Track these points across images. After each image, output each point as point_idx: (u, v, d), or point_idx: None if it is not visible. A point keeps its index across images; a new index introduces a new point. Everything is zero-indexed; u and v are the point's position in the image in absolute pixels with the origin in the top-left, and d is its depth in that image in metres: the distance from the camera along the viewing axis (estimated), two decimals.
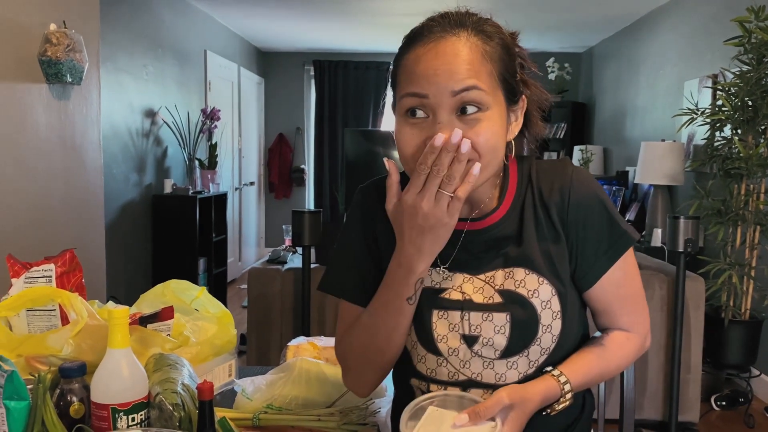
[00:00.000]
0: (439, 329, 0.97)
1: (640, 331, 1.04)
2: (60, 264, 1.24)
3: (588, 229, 0.96)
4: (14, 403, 0.86)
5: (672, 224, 2.89)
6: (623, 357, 1.02)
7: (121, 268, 4.32)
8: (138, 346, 1.20)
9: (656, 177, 4.18)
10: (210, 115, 5.27)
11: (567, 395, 0.94)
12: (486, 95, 0.87)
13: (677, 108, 3.99)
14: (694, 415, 3.08)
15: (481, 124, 0.87)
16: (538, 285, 0.95)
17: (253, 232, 7.46)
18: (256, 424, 1.21)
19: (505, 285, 0.96)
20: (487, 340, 0.95)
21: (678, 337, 2.90)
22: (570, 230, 0.96)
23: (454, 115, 0.87)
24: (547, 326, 0.95)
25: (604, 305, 1.01)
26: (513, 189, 1.00)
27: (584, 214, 0.96)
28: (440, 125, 0.86)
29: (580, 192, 0.96)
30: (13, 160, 2.27)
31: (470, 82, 0.86)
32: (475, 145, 0.86)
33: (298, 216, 3.07)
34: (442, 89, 0.86)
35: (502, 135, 0.91)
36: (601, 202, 0.97)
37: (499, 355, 0.95)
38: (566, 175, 0.97)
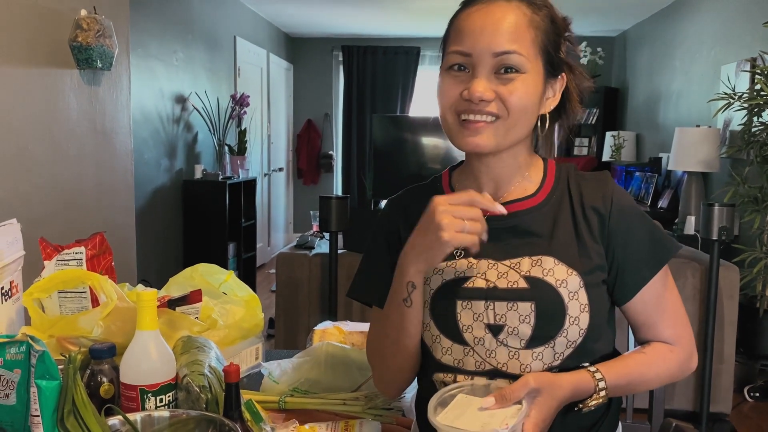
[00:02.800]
0: (463, 319, 0.97)
1: (684, 346, 1.00)
2: (90, 247, 1.25)
3: (630, 238, 0.96)
4: (45, 383, 0.88)
5: (706, 211, 2.83)
6: (665, 369, 1.00)
7: (152, 252, 4.39)
8: (166, 328, 1.22)
9: (690, 163, 4.09)
10: (239, 101, 5.30)
11: (601, 392, 0.92)
12: (525, 60, 0.91)
13: (713, 93, 3.89)
14: (726, 406, 3.03)
15: (515, 83, 0.91)
16: (567, 276, 0.94)
17: (281, 217, 7.52)
18: (282, 407, 1.22)
19: (531, 272, 0.95)
20: (512, 329, 0.94)
21: (711, 327, 2.84)
22: (612, 238, 0.96)
23: (492, 73, 0.92)
24: (575, 318, 0.94)
25: (644, 317, 1.00)
26: (549, 187, 1.01)
27: (627, 222, 0.97)
28: (477, 79, 0.91)
29: (623, 201, 0.98)
30: (46, 145, 2.31)
31: (511, 46, 0.90)
32: (506, 102, 0.91)
33: (326, 202, 3.07)
34: (485, 49, 0.91)
35: (535, 100, 0.94)
36: (640, 213, 0.99)
37: (524, 345, 0.94)
38: (608, 184, 0.99)
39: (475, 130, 0.93)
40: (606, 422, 1.01)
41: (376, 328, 1.06)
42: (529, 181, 1.01)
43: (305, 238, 3.81)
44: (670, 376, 1.00)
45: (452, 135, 0.97)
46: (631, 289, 0.97)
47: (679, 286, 2.98)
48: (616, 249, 0.96)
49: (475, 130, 0.93)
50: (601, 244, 0.96)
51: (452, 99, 0.94)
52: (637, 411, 1.81)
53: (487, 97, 0.91)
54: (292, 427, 1.11)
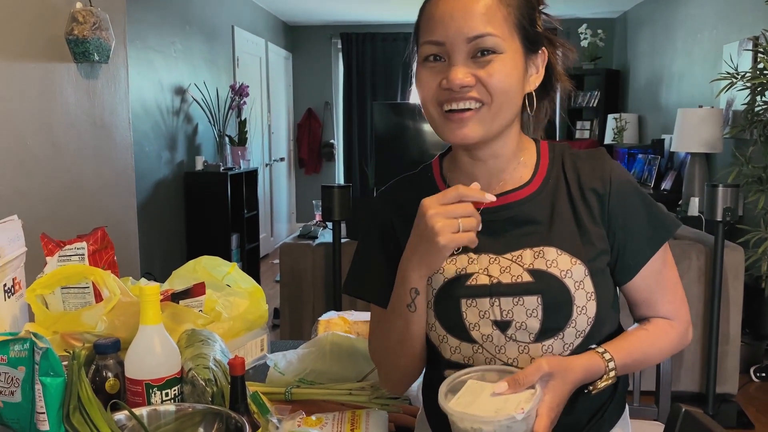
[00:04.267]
0: (469, 318, 0.95)
1: (682, 320, 1.01)
2: (92, 242, 1.25)
3: (630, 217, 0.95)
4: (50, 380, 0.87)
5: (710, 192, 2.81)
6: (668, 342, 1.00)
7: (156, 245, 4.39)
8: (170, 322, 1.21)
9: (693, 144, 4.06)
10: (239, 91, 5.27)
11: (611, 372, 0.92)
12: (501, 41, 0.88)
13: (716, 73, 3.86)
14: (732, 387, 3.03)
15: (493, 64, 0.88)
16: (571, 265, 0.92)
17: (284, 207, 7.51)
18: (288, 398, 1.22)
19: (535, 265, 0.93)
20: (521, 324, 0.93)
21: (716, 308, 2.84)
22: (612, 217, 0.95)
23: (469, 58, 0.89)
24: (582, 307, 0.92)
25: (645, 294, 0.99)
26: (544, 171, 0.98)
27: (627, 201, 0.95)
28: (455, 67, 0.89)
29: (621, 178, 0.96)
30: (45, 140, 2.30)
31: (485, 28, 0.87)
32: (487, 86, 0.88)
33: (328, 191, 3.06)
34: (458, 35, 0.88)
35: (517, 80, 0.91)
36: (639, 191, 0.97)
37: (533, 339, 0.93)
38: (605, 162, 0.97)
39: (460, 122, 0.90)
40: (612, 405, 1.01)
41: (379, 328, 1.04)
42: (524, 167, 0.98)
43: (308, 228, 3.81)
44: (672, 350, 1.01)
45: (438, 128, 0.94)
46: (633, 269, 0.96)
47: (683, 267, 3.00)
48: (617, 230, 0.95)
49: (460, 121, 0.90)
50: (603, 227, 0.95)
51: (432, 90, 0.91)
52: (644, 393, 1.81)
53: (467, 82, 0.88)
54: (299, 419, 1.10)
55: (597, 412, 0.99)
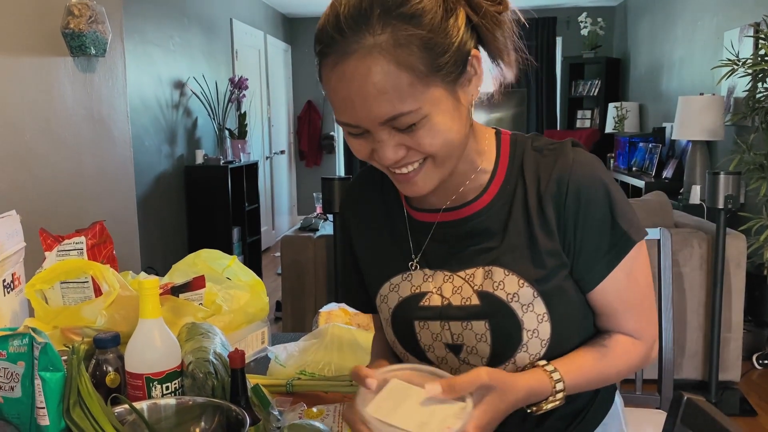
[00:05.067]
0: (424, 339, 0.92)
1: (646, 339, 0.91)
2: (90, 236, 1.24)
3: (587, 225, 0.85)
4: (49, 375, 0.87)
5: (711, 180, 2.81)
6: (626, 363, 0.90)
7: (157, 239, 4.39)
8: (170, 315, 1.21)
9: (694, 132, 4.05)
10: (238, 84, 5.26)
11: (558, 394, 0.83)
12: (415, 113, 0.75)
13: (716, 60, 3.84)
14: (735, 374, 3.03)
15: (419, 132, 0.77)
16: (518, 288, 0.85)
17: (285, 200, 7.51)
18: (290, 390, 1.21)
19: (483, 286, 0.87)
20: (471, 348, 0.89)
21: (718, 295, 2.83)
22: (568, 226, 0.85)
23: (392, 130, 0.78)
24: (533, 331, 0.86)
25: (605, 309, 0.90)
26: (501, 177, 0.89)
27: (584, 207, 0.84)
28: (380, 143, 0.79)
29: (581, 181, 0.84)
30: (42, 134, 2.29)
31: (393, 110, 0.74)
32: (421, 151, 0.79)
33: (328, 183, 3.06)
34: (368, 120, 0.76)
35: (452, 123, 0.79)
36: (605, 193, 0.85)
37: (485, 363, 0.88)
38: (566, 161, 0.85)
39: (407, 181, 0.82)
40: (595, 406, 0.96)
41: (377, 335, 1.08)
42: (483, 173, 0.89)
43: (309, 220, 3.81)
44: (630, 370, 0.91)
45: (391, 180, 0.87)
46: (589, 283, 0.88)
47: (685, 255, 2.99)
48: (573, 238, 0.86)
49: (407, 180, 0.82)
50: (558, 239, 0.85)
51: (367, 155, 0.82)
52: (646, 382, 1.81)
53: (399, 157, 0.79)
54: (300, 411, 1.10)
55: (577, 416, 0.95)
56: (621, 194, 0.88)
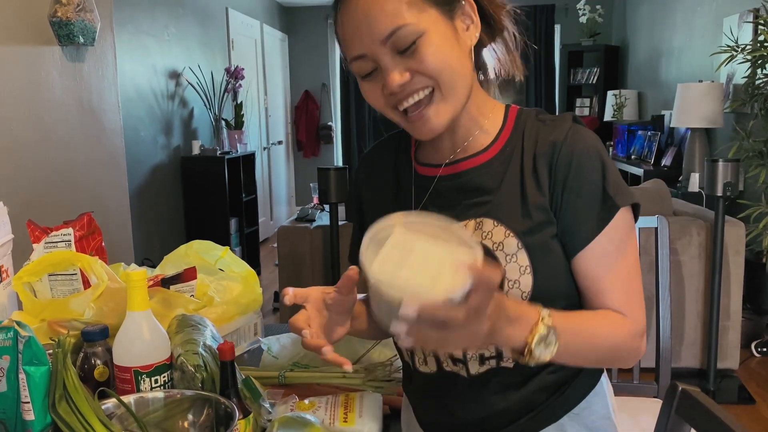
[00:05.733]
0: None
1: (636, 321, 0.87)
2: (78, 228, 1.23)
3: (576, 188, 0.87)
4: (34, 368, 0.86)
5: (710, 168, 2.79)
6: (618, 332, 0.86)
7: (154, 231, 4.37)
8: (161, 307, 1.20)
9: (693, 120, 4.02)
10: (234, 74, 5.22)
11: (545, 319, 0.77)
12: (414, 26, 0.83)
13: (716, 47, 3.81)
14: (733, 362, 3.02)
15: (419, 50, 0.84)
16: (504, 237, 0.88)
17: (283, 191, 7.49)
18: (282, 382, 1.20)
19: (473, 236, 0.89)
20: None
21: (717, 283, 2.82)
22: (557, 186, 0.87)
23: (396, 56, 0.85)
24: (514, 281, 0.87)
25: (591, 282, 0.88)
26: (503, 140, 0.93)
27: (575, 170, 0.86)
28: (387, 71, 0.86)
29: (574, 147, 0.87)
30: (31, 125, 2.26)
31: (392, 24, 0.83)
32: (425, 72, 0.85)
33: (324, 173, 3.04)
34: (372, 43, 0.85)
35: (451, 48, 0.86)
36: (597, 160, 0.87)
37: None
38: (563, 129, 0.89)
39: (421, 119, 0.88)
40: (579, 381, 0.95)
41: None
42: (485, 133, 0.94)
43: (305, 210, 3.79)
44: (618, 345, 0.87)
45: (405, 127, 0.92)
46: (574, 246, 0.88)
47: (684, 243, 2.98)
48: (561, 199, 0.87)
49: (420, 118, 0.88)
50: (547, 197, 0.88)
51: (380, 99, 0.89)
52: (644, 371, 1.80)
53: (404, 80, 0.85)
54: (292, 403, 1.09)
55: (558, 389, 0.94)
56: (614, 166, 0.89)
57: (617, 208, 0.86)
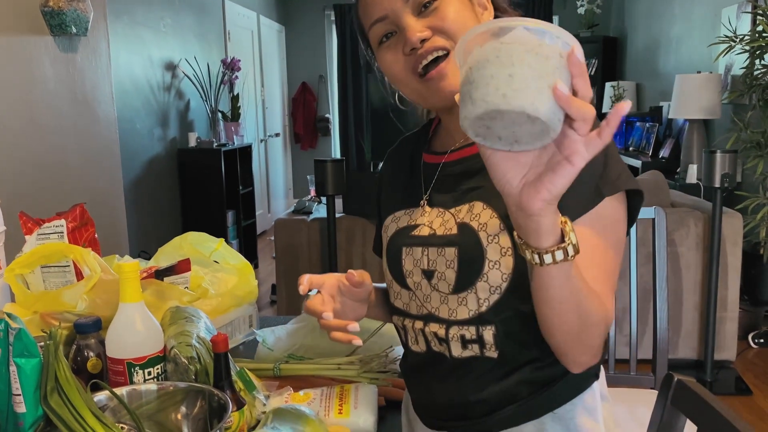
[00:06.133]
0: (407, 265, 0.97)
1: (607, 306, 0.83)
2: (71, 219, 1.22)
3: None
4: (24, 361, 0.85)
5: (708, 159, 2.78)
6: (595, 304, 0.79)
7: (151, 223, 4.36)
8: (155, 299, 1.19)
9: (691, 111, 4.01)
10: (230, 65, 5.20)
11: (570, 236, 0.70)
12: None
13: (714, 37, 3.79)
14: (730, 354, 3.03)
15: (439, 9, 0.87)
16: (489, 219, 0.89)
17: (280, 183, 7.47)
18: (277, 374, 1.20)
19: (464, 218, 0.92)
20: (441, 274, 0.92)
21: (714, 275, 2.82)
22: None
23: (416, 16, 0.88)
24: (495, 262, 0.87)
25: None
26: None
27: None
28: (407, 30, 0.88)
29: None
30: (23, 116, 2.24)
31: None
32: (444, 31, 0.87)
33: (321, 165, 3.02)
34: (394, 2, 0.88)
35: (469, 17, 0.89)
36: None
37: (451, 290, 0.91)
38: None
39: (438, 76, 0.88)
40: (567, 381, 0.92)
41: None
42: None
43: (302, 203, 3.78)
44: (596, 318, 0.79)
45: (422, 96, 0.92)
46: None
47: (682, 235, 2.97)
48: None
49: (438, 75, 0.88)
50: None
51: (400, 62, 0.90)
52: (640, 362, 1.80)
53: (425, 35, 0.87)
54: (287, 395, 1.08)
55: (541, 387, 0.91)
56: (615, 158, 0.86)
57: (602, 197, 0.84)
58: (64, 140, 2.44)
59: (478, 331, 0.90)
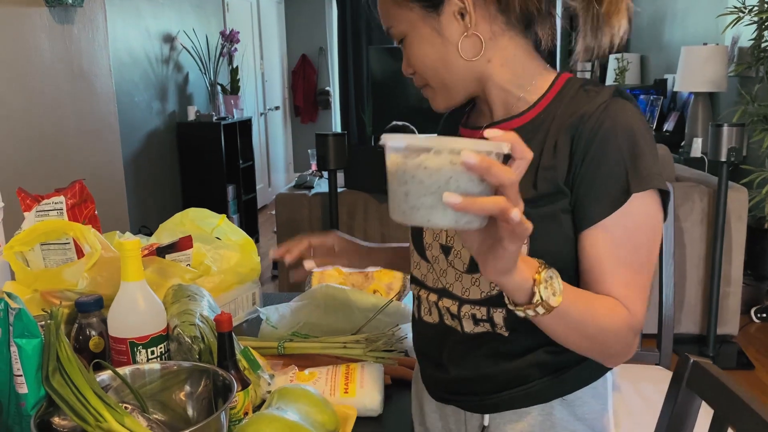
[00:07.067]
0: (427, 238, 0.96)
1: (635, 313, 0.80)
2: (70, 196, 1.19)
3: (595, 163, 0.81)
4: (25, 341, 0.83)
5: (714, 132, 2.74)
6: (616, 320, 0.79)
7: (151, 198, 4.34)
8: (157, 277, 1.17)
9: (697, 84, 3.96)
10: (229, 37, 5.12)
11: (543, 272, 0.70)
12: (396, 29, 0.90)
13: (721, 8, 3.72)
14: (733, 328, 3.03)
15: (405, 52, 0.92)
16: None
17: (281, 157, 7.42)
18: (281, 353, 1.18)
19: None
20: (457, 252, 0.91)
21: (718, 249, 2.80)
22: (576, 159, 0.82)
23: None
24: None
25: (593, 263, 0.82)
26: (540, 108, 0.88)
27: (597, 145, 0.80)
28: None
29: (603, 121, 0.81)
30: (19, 90, 2.20)
31: (385, 24, 0.92)
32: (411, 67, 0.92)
33: (322, 139, 2.99)
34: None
35: (432, 49, 0.89)
36: (626, 138, 0.80)
37: (465, 269, 0.90)
38: (597, 101, 0.83)
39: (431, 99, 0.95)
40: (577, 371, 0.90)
41: None
42: (524, 102, 0.90)
43: (304, 177, 3.75)
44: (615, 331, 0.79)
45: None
46: (581, 225, 0.82)
47: (686, 210, 2.95)
48: (578, 176, 0.82)
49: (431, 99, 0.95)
50: (560, 168, 0.83)
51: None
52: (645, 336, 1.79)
53: (408, 72, 0.94)
54: (292, 374, 1.07)
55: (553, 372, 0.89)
56: (649, 150, 0.82)
57: (629, 194, 0.80)
58: (62, 114, 2.40)
59: (488, 312, 0.88)
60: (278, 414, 0.88)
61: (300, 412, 0.91)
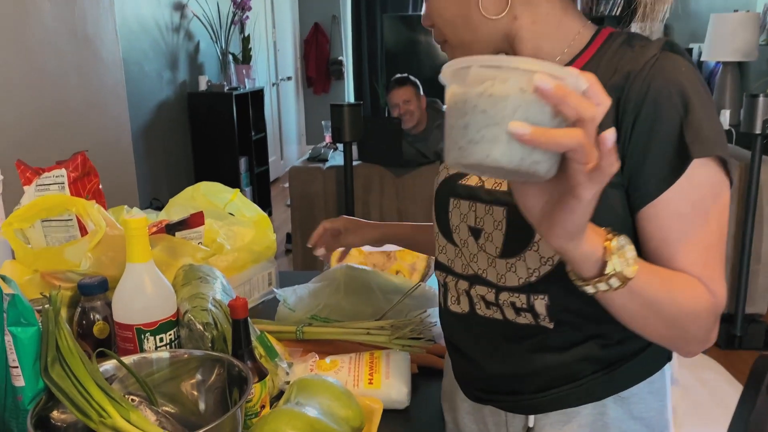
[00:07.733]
0: (453, 219, 0.87)
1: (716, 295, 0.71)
2: (72, 168, 1.11)
3: (646, 129, 0.71)
4: (21, 330, 0.76)
5: (749, 103, 2.62)
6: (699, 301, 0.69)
7: (162, 170, 4.26)
8: (166, 256, 1.09)
9: (726, 53, 3.80)
10: (241, 5, 5.00)
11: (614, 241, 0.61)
12: None
13: None
14: (761, 307, 2.94)
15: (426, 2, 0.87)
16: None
17: (293, 129, 7.32)
18: (300, 338, 1.11)
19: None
20: (488, 234, 0.82)
21: (750, 226, 2.70)
22: (624, 125, 0.72)
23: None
24: None
25: (660, 243, 0.72)
26: (578, 66, 0.79)
27: (647, 108, 0.71)
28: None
29: (653, 80, 0.71)
30: (19, 56, 2.09)
31: None
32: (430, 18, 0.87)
33: (337, 110, 2.89)
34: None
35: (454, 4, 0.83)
36: (679, 97, 0.70)
37: (498, 254, 0.81)
38: (644, 57, 0.73)
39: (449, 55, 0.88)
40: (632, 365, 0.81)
41: None
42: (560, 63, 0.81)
43: (318, 150, 3.65)
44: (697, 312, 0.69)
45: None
46: (637, 202, 0.73)
47: None
48: (628, 145, 0.72)
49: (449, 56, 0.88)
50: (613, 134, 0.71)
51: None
52: None
53: (425, 23, 0.88)
54: (312, 362, 0.99)
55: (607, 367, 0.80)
56: (707, 108, 0.71)
57: (690, 159, 0.69)
58: (66, 83, 2.30)
59: (528, 300, 0.79)
60: (298, 410, 0.81)
61: (322, 407, 0.83)
